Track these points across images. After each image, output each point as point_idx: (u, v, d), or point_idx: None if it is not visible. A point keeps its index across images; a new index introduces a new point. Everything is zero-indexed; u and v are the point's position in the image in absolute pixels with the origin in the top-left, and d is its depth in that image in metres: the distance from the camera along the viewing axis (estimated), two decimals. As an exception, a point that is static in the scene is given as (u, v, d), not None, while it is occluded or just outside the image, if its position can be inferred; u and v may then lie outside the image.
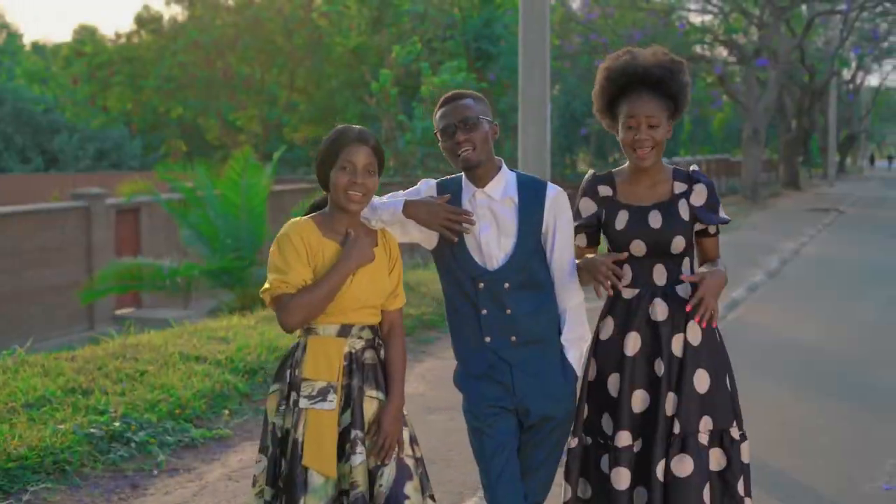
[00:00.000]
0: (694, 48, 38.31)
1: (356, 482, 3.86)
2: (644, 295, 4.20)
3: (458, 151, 4.09)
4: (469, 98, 4.14)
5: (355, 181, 3.90)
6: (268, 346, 8.76)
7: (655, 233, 4.16)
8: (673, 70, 4.17)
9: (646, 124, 4.13)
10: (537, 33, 10.80)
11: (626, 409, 4.16)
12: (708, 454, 4.12)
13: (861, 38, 44.93)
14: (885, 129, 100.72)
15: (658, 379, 4.15)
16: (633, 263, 4.22)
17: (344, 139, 3.95)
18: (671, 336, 4.16)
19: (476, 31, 30.66)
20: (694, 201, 4.22)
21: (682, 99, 4.22)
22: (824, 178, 54.80)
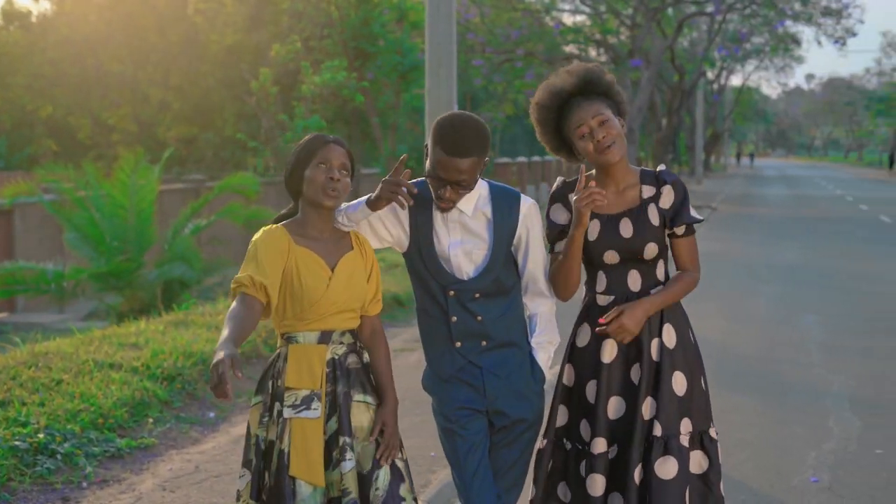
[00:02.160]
0: (566, 48, 38.78)
1: (348, 488, 3.84)
2: (619, 301, 4.20)
3: (440, 200, 4.05)
4: (474, 156, 3.98)
5: (332, 177, 3.89)
6: (183, 351, 8.58)
7: (627, 242, 4.16)
8: (591, 76, 4.17)
9: (597, 123, 4.09)
10: (444, 33, 10.80)
11: (603, 416, 4.17)
12: (689, 456, 4.15)
13: (725, 39, 46.02)
14: (747, 127, 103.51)
15: (634, 385, 4.17)
16: (607, 271, 4.22)
17: (319, 140, 3.99)
18: (649, 341, 4.17)
19: (354, 30, 30.44)
20: (663, 204, 4.21)
21: (616, 95, 4.21)
22: (692, 175, 56.02)
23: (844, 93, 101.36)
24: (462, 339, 4.15)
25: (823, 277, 16.72)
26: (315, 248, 3.95)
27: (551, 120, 4.24)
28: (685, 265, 4.28)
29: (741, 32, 42.82)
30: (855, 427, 7.85)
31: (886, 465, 6.94)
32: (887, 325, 12.27)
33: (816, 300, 14.19)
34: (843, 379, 9.41)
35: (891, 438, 7.56)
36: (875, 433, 7.69)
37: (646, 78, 35.09)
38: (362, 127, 33.78)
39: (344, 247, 4.03)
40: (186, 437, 7.42)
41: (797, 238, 23.55)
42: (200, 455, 7.01)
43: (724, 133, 76.34)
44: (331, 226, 4.03)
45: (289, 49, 27.10)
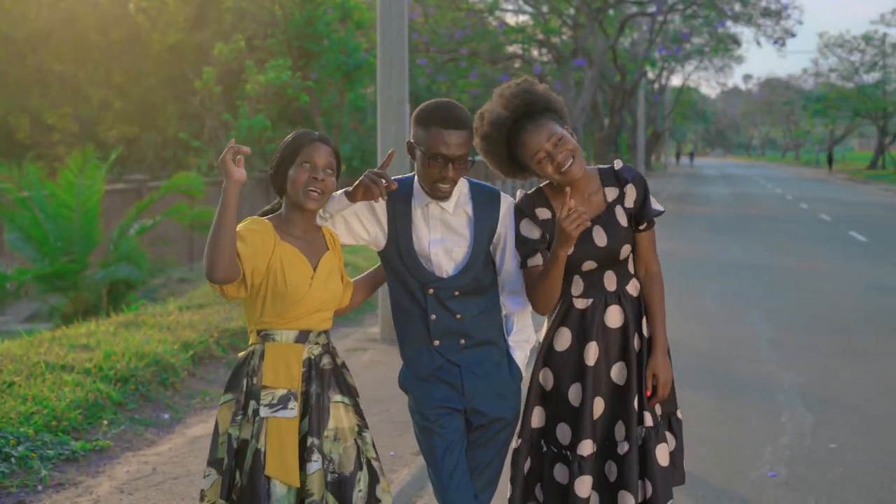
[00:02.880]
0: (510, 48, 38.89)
1: (311, 490, 3.80)
2: (598, 304, 4.21)
3: (440, 183, 4.01)
4: (466, 127, 4.01)
5: (315, 177, 3.86)
6: (135, 352, 8.47)
7: (602, 250, 4.16)
8: (529, 97, 4.12)
9: (552, 145, 4.05)
10: (396, 31, 10.76)
11: (588, 418, 4.18)
12: (667, 439, 4.25)
13: (666, 39, 46.39)
14: (686, 127, 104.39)
15: (616, 384, 4.21)
16: (584, 275, 4.22)
17: (304, 138, 3.95)
18: (631, 338, 4.22)
19: (298, 29, 30.29)
20: (628, 203, 4.22)
21: (556, 104, 4.16)
22: (633, 174, 56.27)
23: (782, 93, 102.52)
24: (440, 338, 4.13)
25: (767, 275, 16.89)
26: (299, 245, 3.93)
27: (501, 150, 4.19)
28: (645, 257, 4.30)
29: (683, 33, 43.18)
30: (808, 422, 7.94)
31: (841, 459, 7.03)
32: (831, 322, 12.42)
33: (762, 297, 14.33)
34: (793, 375, 9.51)
35: (843, 433, 7.66)
36: (827, 428, 7.79)
37: (589, 78, 35.29)
38: (306, 126, 33.64)
39: (322, 245, 4.02)
40: (142, 438, 7.33)
41: (740, 236, 23.78)
42: (157, 457, 6.93)
43: (665, 132, 76.94)
44: (313, 225, 4.01)
45: (232, 48, 26.92)
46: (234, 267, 3.70)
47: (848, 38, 76.49)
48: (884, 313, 13.01)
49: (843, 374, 9.60)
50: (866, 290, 15.12)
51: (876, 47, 72.07)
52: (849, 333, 11.63)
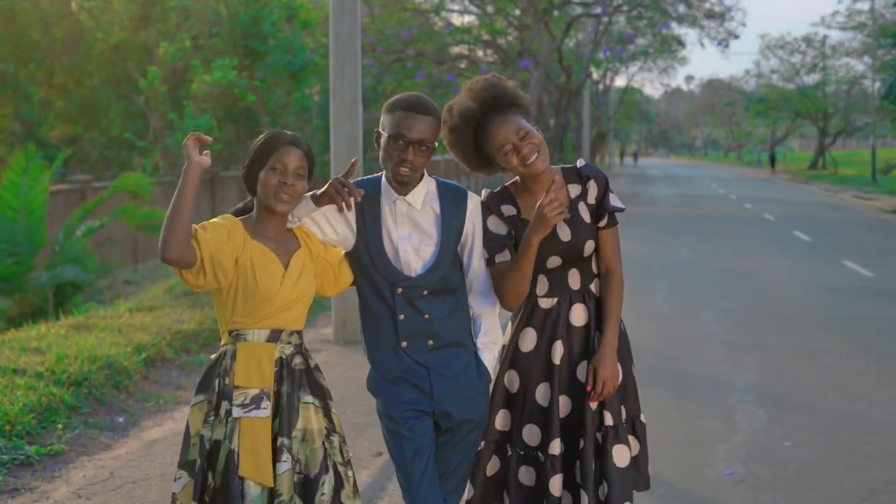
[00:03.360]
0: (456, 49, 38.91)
1: (280, 491, 3.79)
2: (563, 303, 4.23)
3: (400, 166, 4.04)
4: (432, 115, 4.06)
5: (285, 182, 3.85)
6: (87, 355, 8.37)
7: (567, 244, 4.18)
8: (497, 91, 4.17)
9: (519, 138, 4.10)
10: (348, 31, 10.74)
11: (556, 417, 4.20)
12: (629, 442, 4.26)
13: (611, 40, 46.65)
14: (630, 127, 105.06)
15: (581, 383, 4.22)
16: (548, 273, 4.23)
17: (276, 141, 3.92)
18: (593, 337, 4.25)
19: (244, 28, 30.12)
20: (591, 199, 4.25)
21: (521, 100, 4.22)
22: (578, 175, 56.51)
23: (724, 94, 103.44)
24: (408, 339, 4.12)
25: (715, 274, 17.05)
26: (269, 245, 3.92)
27: (469, 143, 4.22)
28: (606, 256, 4.30)
29: (628, 34, 43.46)
30: (761, 421, 8.02)
31: (796, 457, 7.11)
32: (778, 320, 12.56)
33: (711, 297, 14.46)
34: (745, 374, 9.61)
35: (796, 431, 7.75)
36: (780, 426, 7.88)
37: (535, 79, 35.41)
38: (251, 127, 33.44)
39: (294, 245, 4.01)
40: (97, 442, 7.25)
41: (686, 236, 23.97)
42: (114, 461, 6.86)
43: (609, 133, 77.39)
44: (284, 227, 4.00)
45: (178, 48, 26.69)
46: (188, 249, 3.69)
47: (789, 40, 77.29)
48: (831, 313, 13.18)
49: (793, 372, 9.71)
50: (813, 289, 15.30)
51: (816, 49, 72.99)
52: (799, 333, 11.76)
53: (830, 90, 73.23)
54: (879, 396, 8.77)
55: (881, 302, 14.02)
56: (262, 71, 29.71)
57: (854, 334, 11.64)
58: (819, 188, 50.59)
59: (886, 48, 53.33)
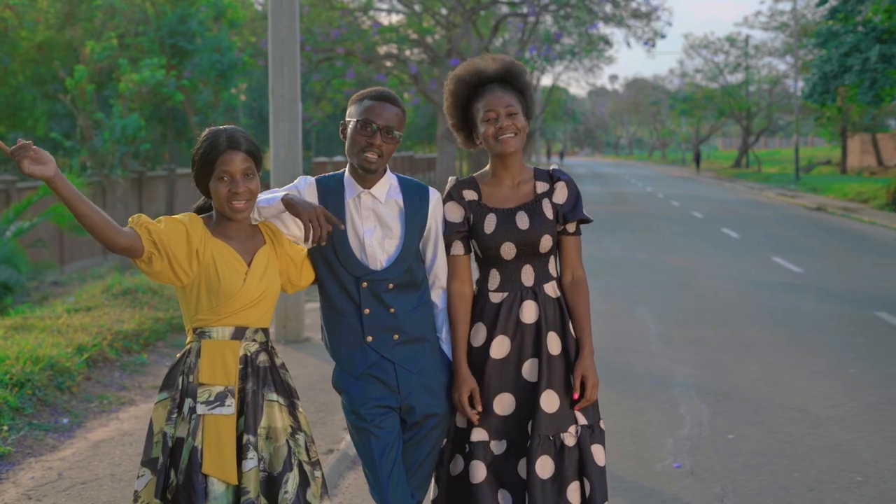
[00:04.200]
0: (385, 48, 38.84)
1: (247, 488, 3.78)
2: (513, 298, 4.26)
3: (366, 151, 4.07)
4: (400, 108, 4.14)
5: (236, 190, 3.84)
6: (29, 356, 8.25)
7: (524, 234, 4.23)
8: (514, 69, 4.30)
9: (505, 113, 4.21)
10: (288, 29, 10.70)
11: (489, 411, 4.23)
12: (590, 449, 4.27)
13: (538, 40, 46.86)
14: (556, 126, 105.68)
15: (528, 383, 4.23)
16: (501, 267, 4.28)
17: (215, 150, 3.87)
18: (545, 335, 4.24)
19: (171, 27, 29.85)
20: (556, 199, 4.31)
21: (529, 97, 4.35)
22: (507, 174, 56.73)
23: (649, 93, 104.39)
24: (374, 333, 4.14)
25: (649, 271, 17.24)
26: (231, 243, 3.91)
27: (464, 96, 4.33)
28: (571, 262, 4.37)
29: (556, 34, 43.67)
30: (704, 414, 8.14)
31: (741, 449, 7.23)
32: (713, 316, 12.75)
33: (647, 293, 14.62)
34: (685, 368, 9.74)
35: (738, 423, 7.88)
36: (723, 419, 8.00)
37: (465, 77, 35.42)
38: (177, 126, 33.16)
39: (258, 241, 4.00)
40: (42, 444, 7.16)
41: (617, 234, 24.17)
42: (61, 462, 6.78)
43: (536, 132, 77.76)
44: (245, 226, 3.99)
45: (104, 46, 26.36)
46: (124, 240, 3.69)
47: (712, 40, 78.34)
48: (763, 308, 13.39)
49: (731, 366, 9.86)
50: (745, 285, 15.53)
51: (739, 49, 73.97)
52: (733, 327, 11.94)
53: (753, 89, 74.27)
54: (817, 390, 8.94)
55: (811, 297, 14.27)
56: (190, 70, 29.48)
57: (787, 329, 11.84)
58: (744, 186, 51.26)
59: (807, 48, 54.25)
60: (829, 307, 13.40)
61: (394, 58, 38.08)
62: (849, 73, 30.98)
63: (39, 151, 3.51)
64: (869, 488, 6.44)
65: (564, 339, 4.29)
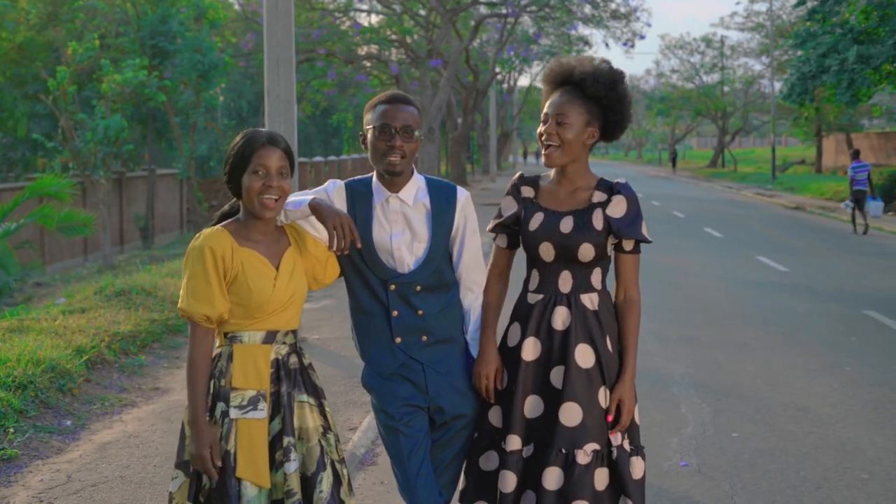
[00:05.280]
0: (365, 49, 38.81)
1: (292, 489, 3.80)
2: (547, 302, 4.21)
3: (389, 155, 4.08)
4: (414, 107, 4.15)
5: (270, 185, 3.84)
6: (30, 358, 8.22)
7: (563, 237, 4.15)
8: (597, 76, 4.15)
9: (555, 121, 4.14)
10: (283, 31, 10.69)
11: (518, 413, 4.18)
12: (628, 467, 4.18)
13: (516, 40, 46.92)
14: (532, 126, 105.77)
15: (555, 389, 4.15)
16: (541, 268, 4.24)
17: (255, 143, 3.88)
18: (573, 345, 4.15)
19: (152, 28, 29.78)
20: (611, 212, 4.18)
21: (614, 108, 4.20)
22: (485, 173, 56.98)
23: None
24: (402, 335, 4.16)
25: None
26: (258, 248, 3.90)
27: (548, 91, 4.28)
28: (626, 281, 4.26)
29: (536, 34, 43.74)
30: (706, 413, 8.19)
31: (745, 447, 7.28)
32: (705, 315, 12.81)
33: (636, 293, 14.63)
34: (682, 367, 9.79)
35: (740, 422, 7.93)
36: (725, 418, 8.05)
37: (444, 78, 35.49)
38: (157, 127, 33.05)
39: (283, 244, 4.00)
40: (48, 446, 7.14)
41: (600, 234, 24.16)
42: (69, 464, 6.77)
43: (513, 132, 77.89)
44: (272, 227, 3.98)
45: (87, 47, 26.24)
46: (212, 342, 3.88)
47: (688, 41, 78.74)
48: (753, 307, 13.48)
49: (727, 366, 9.93)
50: (733, 284, 15.63)
51: (715, 49, 74.31)
52: (725, 327, 12.02)
53: (728, 89, 74.62)
54: (815, 388, 9.01)
55: (800, 296, 14.37)
56: (171, 70, 29.41)
57: (779, 328, 11.92)
58: (721, 186, 51.51)
59: (783, 49, 54.55)
60: (818, 306, 13.50)
61: (374, 58, 38.09)
62: (827, 74, 31.15)
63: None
64: (876, 485, 6.50)
65: (600, 354, 4.17)
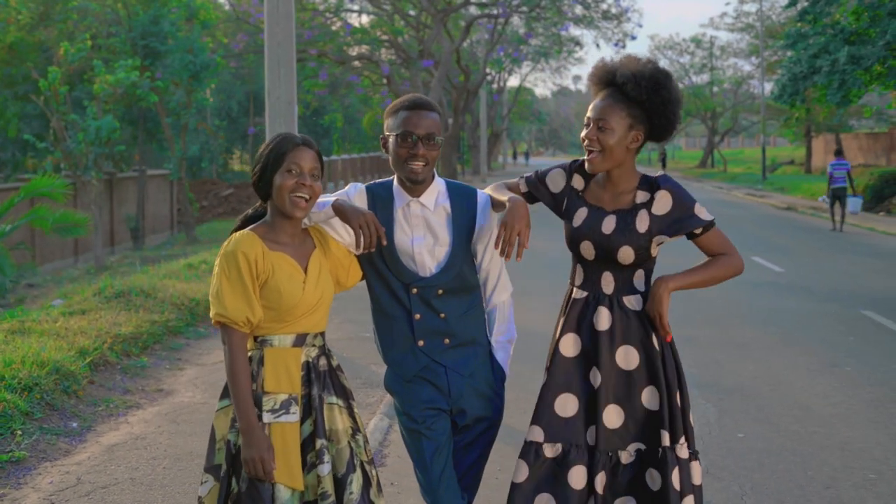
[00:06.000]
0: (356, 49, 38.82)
1: (327, 491, 3.81)
2: (590, 300, 4.19)
3: (411, 162, 4.08)
4: (436, 113, 4.14)
5: (303, 183, 3.84)
6: (34, 360, 8.21)
7: (604, 238, 4.12)
8: (640, 79, 4.08)
9: (596, 126, 4.10)
10: (284, 33, 10.70)
11: (550, 410, 4.14)
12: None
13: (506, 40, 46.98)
14: (521, 126, 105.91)
15: (594, 390, 4.12)
16: (584, 266, 4.22)
17: (289, 143, 3.90)
18: (616, 346, 4.13)
19: (143, 28, 29.73)
20: (656, 210, 4.14)
21: (658, 111, 4.13)
22: (476, 174, 56.97)
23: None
24: (425, 338, 4.16)
25: (631, 271, 17.28)
26: (287, 251, 3.90)
27: (594, 91, 4.23)
28: (720, 253, 4.22)
29: (527, 35, 43.81)
30: (711, 413, 8.21)
31: (752, 448, 7.31)
32: (702, 315, 12.84)
33: (633, 293, 14.66)
34: (684, 367, 9.76)
35: (745, 422, 7.97)
36: (730, 418, 8.08)
37: (436, 79, 35.56)
38: (148, 127, 32.99)
39: (309, 246, 4.00)
40: (56, 448, 7.13)
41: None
42: (78, 466, 6.76)
43: (503, 132, 77.94)
44: (299, 229, 3.98)
45: (79, 48, 26.19)
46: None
47: (678, 41, 78.90)
48: (751, 307, 13.52)
49: (728, 366, 9.96)
50: (729, 284, 15.44)
51: (705, 50, 74.46)
52: (724, 327, 12.06)
53: (717, 90, 74.79)
54: (816, 388, 9.04)
55: (796, 296, 14.43)
56: (162, 71, 29.37)
57: (778, 328, 11.96)
58: (712, 186, 51.60)
59: (773, 49, 54.67)
60: (815, 306, 13.55)
61: (366, 59, 38.09)
62: (818, 74, 31.19)
63: None
64: (884, 485, 6.53)
65: (646, 354, 4.15)
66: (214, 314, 3.81)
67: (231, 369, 3.78)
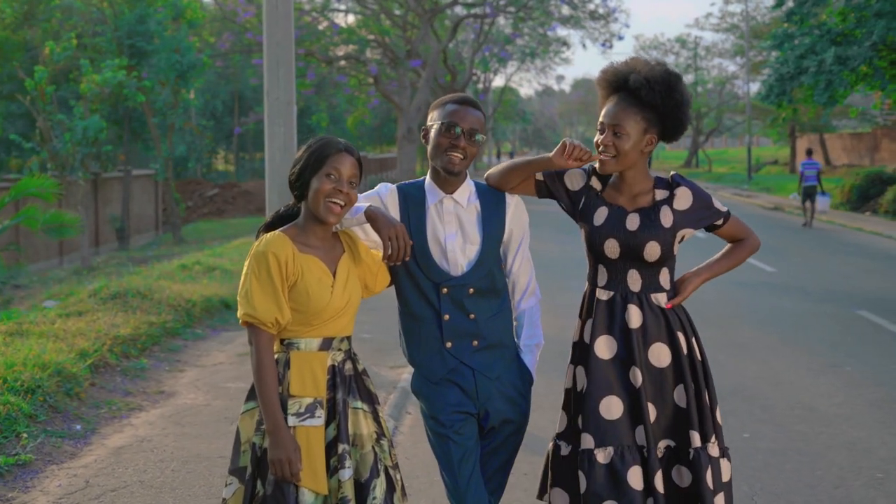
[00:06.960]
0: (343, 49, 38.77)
1: (347, 496, 3.79)
2: (618, 299, 4.17)
3: (451, 152, 4.08)
4: (481, 112, 4.16)
5: (340, 189, 3.82)
6: (36, 362, 8.15)
7: (630, 235, 4.11)
8: (653, 83, 4.07)
9: (611, 131, 4.09)
10: (283, 33, 10.65)
11: (593, 413, 4.10)
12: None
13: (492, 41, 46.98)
14: (506, 126, 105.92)
15: (636, 389, 4.11)
16: (608, 265, 4.20)
17: (331, 147, 3.89)
18: (650, 344, 4.13)
19: (129, 27, 29.63)
20: (678, 205, 4.17)
21: (671, 114, 4.14)
22: (461, 174, 56.87)
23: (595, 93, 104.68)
24: (453, 339, 4.15)
25: (624, 272, 17.28)
26: (317, 254, 3.89)
27: (604, 95, 4.22)
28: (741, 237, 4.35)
29: (514, 34, 43.82)
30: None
31: (758, 448, 7.31)
32: (699, 315, 12.53)
33: (627, 294, 14.67)
34: (684, 368, 9.79)
35: (750, 422, 7.97)
36: (734, 418, 8.07)
37: (423, 79, 35.52)
38: (133, 127, 32.87)
39: (338, 250, 3.98)
40: (61, 451, 7.09)
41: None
42: (85, 469, 6.72)
43: (488, 132, 77.96)
44: (330, 233, 3.97)
45: (64, 47, 26.07)
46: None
47: (663, 41, 79.00)
48: (747, 307, 13.55)
49: (729, 366, 9.96)
50: (724, 285, 15.60)
51: (690, 50, 74.60)
52: (722, 327, 12.07)
53: (701, 90, 74.93)
54: (818, 388, 9.06)
55: (792, 297, 14.46)
56: (148, 70, 29.26)
57: (776, 328, 11.99)
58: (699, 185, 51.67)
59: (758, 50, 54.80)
60: (811, 306, 13.59)
61: (353, 59, 38.03)
62: (805, 75, 31.29)
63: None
64: (892, 485, 6.55)
65: (676, 350, 4.15)
66: (243, 314, 3.78)
67: (258, 370, 3.76)
